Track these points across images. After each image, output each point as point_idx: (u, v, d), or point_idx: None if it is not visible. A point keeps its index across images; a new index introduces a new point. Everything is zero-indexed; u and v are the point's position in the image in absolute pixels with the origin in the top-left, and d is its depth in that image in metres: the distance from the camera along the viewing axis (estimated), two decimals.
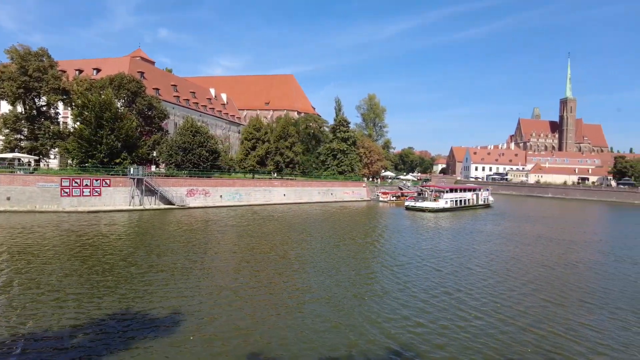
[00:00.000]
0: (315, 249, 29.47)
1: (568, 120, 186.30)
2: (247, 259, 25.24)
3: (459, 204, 66.77)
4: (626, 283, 22.64)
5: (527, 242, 36.07)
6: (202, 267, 22.80)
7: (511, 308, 17.59)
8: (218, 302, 17.08)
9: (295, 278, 21.40)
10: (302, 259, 26.20)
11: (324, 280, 20.88)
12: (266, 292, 18.73)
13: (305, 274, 22.40)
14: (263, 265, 23.62)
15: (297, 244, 31.39)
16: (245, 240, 31.86)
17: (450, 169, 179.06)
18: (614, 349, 13.71)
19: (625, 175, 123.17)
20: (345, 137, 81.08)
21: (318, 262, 25.19)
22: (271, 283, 20.23)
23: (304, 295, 18.52)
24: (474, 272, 24.06)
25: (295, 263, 24.88)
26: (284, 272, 22.37)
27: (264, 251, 27.66)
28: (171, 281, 19.64)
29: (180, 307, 16.11)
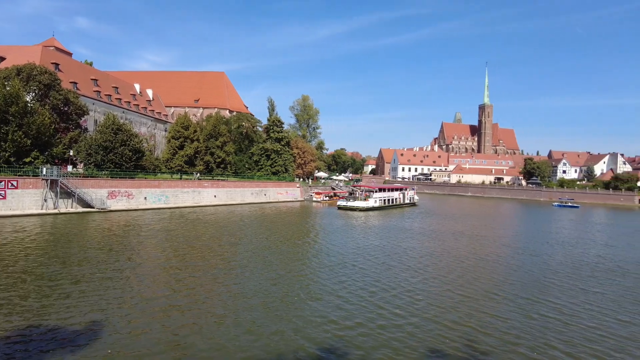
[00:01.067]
0: (248, 252, 28.79)
1: (486, 124, 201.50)
2: (175, 266, 23.93)
3: (387, 202, 69.66)
4: (525, 274, 24.86)
5: (447, 238, 38.41)
6: (125, 276, 21.21)
7: (430, 304, 18.48)
8: (142, 313, 15.91)
9: (227, 284, 20.55)
10: (235, 263, 25.48)
11: (259, 285, 20.37)
12: (195, 301, 17.69)
13: (238, 279, 21.62)
14: (192, 272, 22.51)
15: (229, 247, 30.45)
16: (172, 245, 30.31)
17: (380, 170, 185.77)
18: (519, 337, 14.94)
19: (533, 175, 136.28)
20: (279, 138, 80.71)
21: (252, 265, 24.61)
22: (201, 291, 19.22)
23: (237, 302, 17.81)
24: (398, 269, 24.94)
25: (228, 268, 24.04)
26: (215, 279, 21.42)
27: (193, 257, 26.42)
28: (90, 293, 18.03)
29: (100, 320, 14.85)
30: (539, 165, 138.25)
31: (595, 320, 16.96)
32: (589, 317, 17.34)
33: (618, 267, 28.18)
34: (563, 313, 17.65)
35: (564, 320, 16.78)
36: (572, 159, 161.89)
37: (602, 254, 33.00)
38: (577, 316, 17.36)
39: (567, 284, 22.76)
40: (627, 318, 17.34)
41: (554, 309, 18.13)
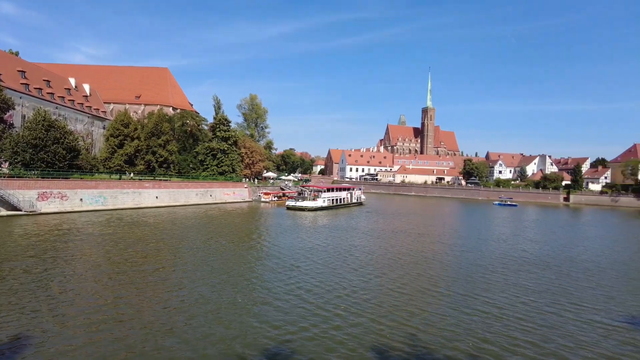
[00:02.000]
0: (191, 256, 27.76)
1: (428, 127, 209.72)
2: (111, 274, 22.40)
3: (335, 202, 70.54)
4: (462, 270, 26.04)
5: (391, 237, 39.49)
6: (52, 286, 19.55)
7: (374, 305, 18.89)
8: (75, 327, 14.77)
9: (167, 292, 19.52)
10: (176, 268, 24.41)
11: (201, 291, 19.58)
12: (135, 312, 16.55)
13: (179, 285, 20.59)
14: (132, 279, 21.22)
15: (170, 252, 29.10)
16: (109, 250, 28.55)
17: (329, 170, 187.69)
18: (457, 333, 15.65)
19: (472, 175, 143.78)
20: (225, 137, 78.95)
21: (194, 271, 23.69)
22: (142, 300, 18.04)
23: (177, 311, 16.96)
24: (343, 270, 25.21)
25: (168, 274, 22.88)
26: (154, 286, 20.27)
27: (131, 263, 24.83)
28: (13, 305, 16.62)
29: (25, 336, 13.70)
30: (477, 166, 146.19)
31: (523, 312, 18.00)
32: (518, 309, 18.41)
33: (541, 260, 30.16)
34: (496, 307, 18.63)
35: (496, 313, 17.70)
36: (507, 160, 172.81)
37: (528, 249, 35.34)
38: (507, 309, 18.37)
39: (498, 279, 24.04)
40: (552, 309, 18.60)
41: (487, 304, 19.06)
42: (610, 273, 26.68)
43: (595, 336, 15.46)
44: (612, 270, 27.50)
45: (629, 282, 24.36)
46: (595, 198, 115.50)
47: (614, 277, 25.48)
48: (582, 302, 19.88)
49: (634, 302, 20.17)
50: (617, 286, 23.29)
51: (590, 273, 26.45)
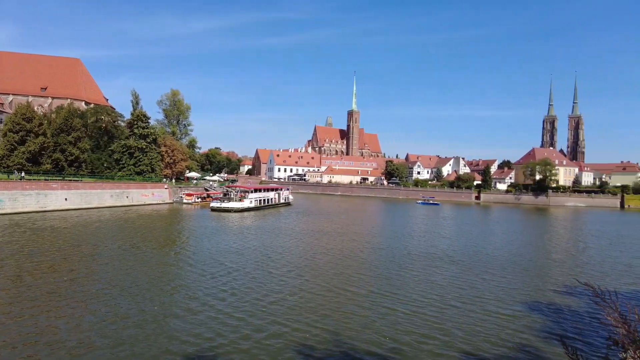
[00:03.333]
0: (108, 264, 25.45)
1: (353, 129, 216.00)
2: (12, 288, 20.10)
3: (263, 203, 69.75)
4: (374, 268, 26.81)
5: (315, 236, 39.90)
6: None
7: (294, 307, 18.90)
8: None
9: (83, 305, 17.72)
10: (87, 278, 22.37)
11: (114, 303, 18.04)
12: (40, 331, 14.81)
13: (97, 297, 18.83)
14: (36, 294, 18.95)
15: (83, 260, 26.51)
16: (8, 261, 25.58)
17: (256, 170, 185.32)
18: (378, 332, 16.17)
19: (394, 175, 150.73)
20: (144, 134, 74.42)
21: (107, 279, 21.90)
22: (49, 317, 16.07)
23: (95, 328, 15.43)
24: (265, 272, 24.86)
25: (82, 285, 20.81)
26: (60, 299, 18.27)
27: (37, 275, 22.24)
28: None
29: None
30: (398, 167, 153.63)
31: (433, 308, 18.74)
32: (427, 305, 19.15)
33: (448, 256, 31.77)
34: (407, 304, 19.16)
35: (407, 311, 18.13)
36: (425, 162, 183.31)
37: (439, 245, 37.44)
38: (417, 305, 19.01)
39: (410, 276, 24.87)
40: (458, 304, 19.67)
41: (400, 301, 19.45)
42: (509, 266, 28.95)
43: (496, 326, 16.66)
44: (511, 263, 29.88)
45: (525, 274, 26.78)
46: (501, 196, 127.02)
47: (512, 270, 27.71)
48: (484, 294, 21.27)
49: (528, 292, 22.21)
50: (515, 278, 25.42)
51: (492, 267, 28.43)
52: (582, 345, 14.54)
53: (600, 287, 3.92)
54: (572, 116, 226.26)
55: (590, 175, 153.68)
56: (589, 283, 5.30)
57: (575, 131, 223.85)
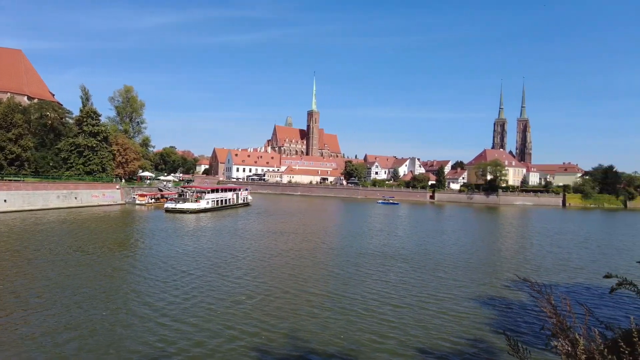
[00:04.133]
0: (54, 270, 23.99)
1: (313, 129, 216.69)
2: None
3: (220, 203, 68.46)
4: (329, 268, 26.85)
5: (273, 237, 39.61)
6: None
7: (250, 311, 18.69)
8: None
9: (28, 314, 16.65)
10: (36, 285, 21.01)
11: (57, 313, 17.02)
12: None
13: (43, 306, 17.71)
14: None
15: (22, 266, 24.79)
16: None
17: (213, 170, 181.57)
18: (335, 334, 16.31)
19: (352, 176, 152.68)
20: (94, 132, 70.97)
21: (55, 287, 20.57)
22: None
23: (42, 339, 14.50)
24: (219, 275, 24.42)
25: (26, 292, 19.53)
26: (8, 309, 17.39)
27: None
28: None
29: None
30: (356, 167, 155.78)
31: (386, 307, 18.99)
32: (381, 304, 19.36)
33: (403, 255, 32.42)
34: (361, 303, 19.28)
35: (361, 311, 18.25)
36: (382, 162, 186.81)
37: (393, 244, 38.17)
38: (371, 305, 19.23)
39: (364, 275, 25.08)
40: (412, 302, 20.15)
41: (354, 301, 19.60)
42: (460, 263, 30.02)
43: (448, 323, 17.24)
44: (462, 261, 30.96)
45: (474, 271, 27.85)
46: (455, 196, 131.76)
47: (463, 267, 28.78)
48: (437, 292, 21.91)
49: (477, 288, 23.13)
50: (465, 275, 26.39)
51: (444, 264, 29.34)
52: (524, 336, 15.32)
53: (538, 281, 4.10)
54: (520, 119, 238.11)
55: (537, 175, 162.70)
56: (527, 278, 5.59)
57: (523, 134, 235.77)
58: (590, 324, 7.77)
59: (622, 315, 17.86)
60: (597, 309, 18.16)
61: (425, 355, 14.00)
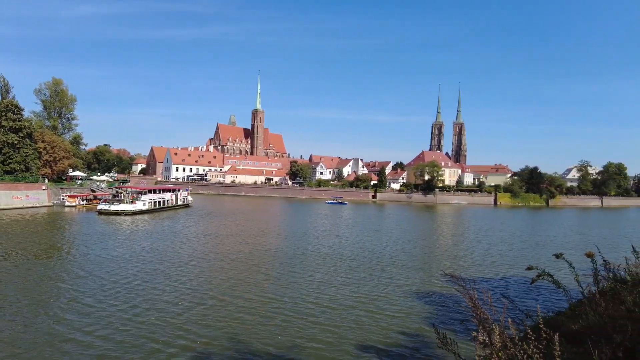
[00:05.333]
0: None
1: (258, 129, 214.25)
2: None
3: (158, 205, 65.71)
4: (267, 271, 26.42)
5: (211, 240, 38.70)
6: None
7: (188, 319, 18.15)
8: None
9: None
10: None
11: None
12: None
13: None
14: None
15: None
16: None
17: (151, 170, 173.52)
18: (259, 338, 16.16)
19: (298, 176, 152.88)
20: (16, 127, 65.13)
21: None
22: None
23: None
24: (153, 282, 23.46)
25: None
26: None
27: None
28: None
29: None
30: (302, 168, 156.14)
31: (326, 308, 19.05)
32: (321, 306, 19.28)
33: (342, 255, 32.54)
34: (303, 306, 19.20)
35: (294, 314, 18.03)
36: (327, 163, 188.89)
37: (333, 245, 38.46)
38: (312, 307, 19.23)
39: (304, 277, 24.90)
40: (349, 302, 20.25)
41: (291, 304, 19.52)
42: (398, 262, 30.84)
43: (384, 322, 17.58)
44: (399, 260, 31.74)
45: (410, 268, 28.93)
46: (395, 195, 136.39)
47: (401, 265, 29.62)
48: (373, 291, 22.22)
49: (412, 286, 23.93)
50: (401, 273, 27.18)
51: (381, 263, 29.89)
52: (453, 328, 16.06)
53: (464, 276, 4.28)
54: (456, 123, 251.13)
55: (471, 176, 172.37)
56: (452, 273, 5.86)
57: (459, 136, 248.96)
58: (512, 314, 8.30)
59: (542, 304, 19.39)
60: (521, 300, 19.56)
61: (360, 355, 14.19)
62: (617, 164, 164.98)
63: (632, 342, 4.27)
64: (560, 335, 7.13)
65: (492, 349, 3.88)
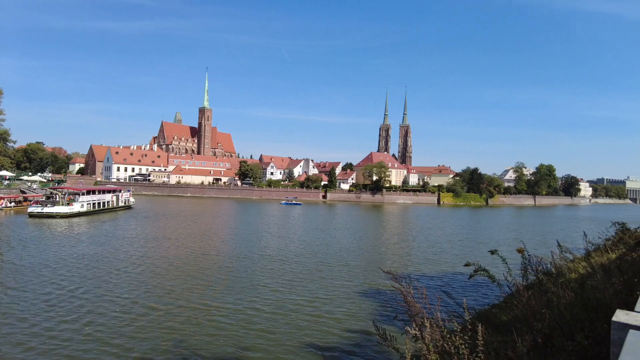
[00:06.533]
0: None
1: (205, 127, 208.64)
2: None
3: (97, 206, 62.27)
4: (215, 276, 25.92)
5: (155, 244, 37.07)
6: None
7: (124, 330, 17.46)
8: None
9: None
10: None
11: None
12: None
13: None
14: None
15: None
16: None
17: (90, 169, 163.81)
18: (217, 348, 15.88)
19: (247, 176, 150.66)
20: None
21: None
22: None
23: None
24: (91, 291, 22.37)
25: None
26: None
27: None
28: None
29: None
30: (252, 168, 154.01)
31: (268, 314, 18.84)
32: (262, 313, 18.78)
33: (285, 256, 32.02)
34: (236, 313, 18.32)
35: (234, 322, 17.31)
36: (277, 163, 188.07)
37: (278, 246, 38.12)
38: (244, 314, 19.06)
39: (244, 280, 24.11)
40: (295, 306, 20.04)
41: (229, 311, 19.03)
42: (341, 261, 31.01)
43: (325, 325, 17.52)
44: (343, 259, 32.04)
45: (354, 267, 29.40)
46: (345, 195, 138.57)
47: (343, 265, 29.90)
48: (318, 293, 22.19)
49: (355, 285, 24.27)
50: (345, 272, 27.49)
51: (325, 264, 29.93)
52: (394, 324, 16.32)
53: (406, 273, 4.42)
54: (402, 125, 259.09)
55: (416, 176, 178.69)
56: (390, 271, 6.11)
57: (405, 138, 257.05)
58: (452, 308, 8.73)
59: (481, 298, 20.51)
60: (461, 295, 20.51)
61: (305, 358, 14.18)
62: (547, 166, 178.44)
63: (549, 328, 4.68)
64: (491, 326, 7.61)
65: (423, 342, 4.09)
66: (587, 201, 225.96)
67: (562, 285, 7.92)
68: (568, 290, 7.25)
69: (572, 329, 4.54)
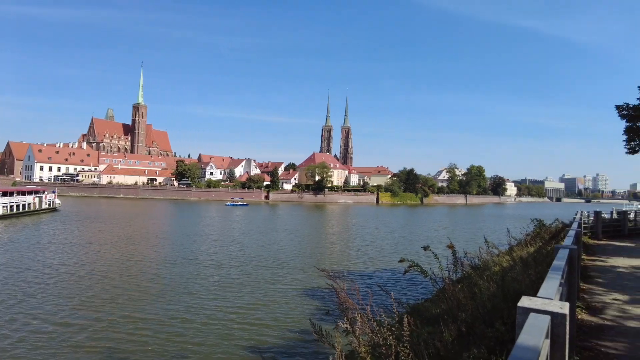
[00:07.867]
0: None
1: (140, 124, 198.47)
2: None
3: (16, 209, 57.10)
4: (129, 287, 25.09)
5: (77, 250, 34.41)
6: None
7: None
8: None
9: None
10: None
11: None
12: None
13: None
14: None
15: None
16: None
17: (8, 168, 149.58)
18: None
19: (185, 176, 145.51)
20: None
21: None
22: None
23: None
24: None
25: None
26: None
27: None
28: None
29: None
30: (189, 167, 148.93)
31: (198, 324, 18.46)
32: (192, 321, 17.35)
33: (218, 261, 31.14)
34: (162, 324, 17.04)
35: (162, 334, 16.17)
36: (218, 163, 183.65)
37: (213, 249, 37.30)
38: (171, 326, 18.25)
39: (175, 287, 22.81)
40: (230, 312, 20.02)
41: (154, 322, 18.49)
42: (280, 263, 30.83)
43: (268, 328, 17.64)
44: (280, 261, 31.88)
45: (292, 268, 29.35)
46: (287, 195, 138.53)
47: (282, 266, 29.84)
48: (255, 297, 21.88)
49: (293, 287, 24.25)
50: (283, 274, 27.43)
51: (262, 266, 29.23)
52: (330, 320, 16.54)
53: (342, 271, 4.45)
54: (343, 127, 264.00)
55: (357, 176, 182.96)
56: (324, 269, 6.19)
57: (346, 139, 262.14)
58: (386, 303, 8.92)
59: (415, 292, 21.37)
60: (396, 290, 21.24)
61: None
62: (477, 167, 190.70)
63: (472, 318, 5.00)
64: (423, 318, 7.95)
65: (354, 336, 4.20)
66: (512, 200, 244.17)
67: (487, 278, 8.45)
68: (492, 282, 7.75)
69: (492, 318, 4.85)
